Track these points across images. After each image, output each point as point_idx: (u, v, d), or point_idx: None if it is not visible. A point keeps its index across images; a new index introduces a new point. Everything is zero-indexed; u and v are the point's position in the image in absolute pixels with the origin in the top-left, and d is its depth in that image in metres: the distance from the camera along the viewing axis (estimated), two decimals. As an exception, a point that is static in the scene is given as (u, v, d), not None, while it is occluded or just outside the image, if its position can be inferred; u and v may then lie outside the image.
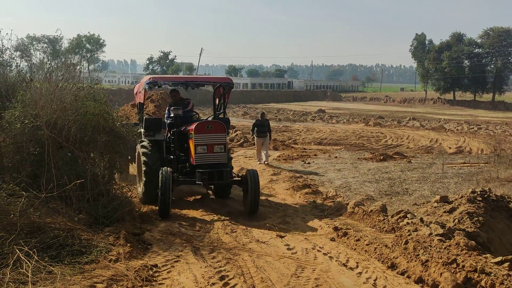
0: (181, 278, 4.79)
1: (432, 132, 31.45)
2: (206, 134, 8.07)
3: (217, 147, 8.12)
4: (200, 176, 7.84)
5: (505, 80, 76.92)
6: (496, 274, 4.63)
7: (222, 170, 7.96)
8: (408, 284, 4.93)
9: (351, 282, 4.90)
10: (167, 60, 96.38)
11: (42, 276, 4.26)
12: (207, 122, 8.55)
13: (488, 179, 12.74)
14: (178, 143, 8.76)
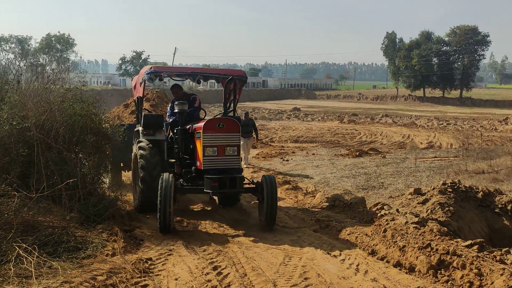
0: (176, 269, 5.04)
1: (404, 128, 32.39)
2: (217, 133, 6.92)
3: (229, 149, 6.95)
4: (209, 183, 6.67)
5: (471, 77, 79.40)
6: (467, 256, 5.05)
7: (235, 177, 6.80)
8: (387, 268, 5.32)
9: (336, 268, 5.24)
10: (140, 59, 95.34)
11: (44, 270, 4.44)
12: (219, 119, 7.25)
13: (457, 172, 13.36)
14: (182, 143, 7.61)
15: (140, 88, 8.34)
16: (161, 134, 8.06)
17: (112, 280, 4.44)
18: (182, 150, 7.61)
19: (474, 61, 77.14)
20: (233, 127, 7.06)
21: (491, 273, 4.64)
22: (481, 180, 11.88)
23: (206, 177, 6.74)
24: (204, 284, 4.59)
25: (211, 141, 6.89)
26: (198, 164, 7.11)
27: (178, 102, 7.75)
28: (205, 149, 6.86)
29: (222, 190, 6.80)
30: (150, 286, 4.50)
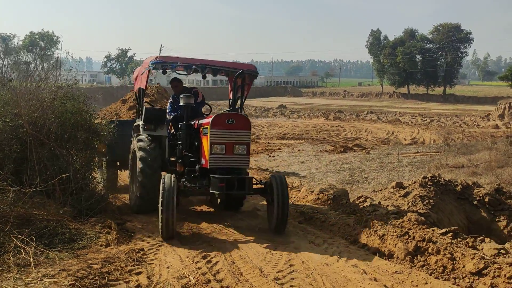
0: (168, 258, 5.29)
1: (388, 124, 32.94)
2: (226, 129, 6.43)
3: (238, 147, 6.47)
4: (215, 184, 6.21)
5: (454, 74, 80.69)
6: (442, 242, 5.38)
7: (244, 178, 6.38)
8: (368, 255, 5.64)
9: (319, 255, 5.54)
10: (126, 57, 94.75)
11: (42, 260, 4.67)
12: (228, 114, 6.66)
13: (438, 166, 13.78)
14: (186, 140, 7.09)
15: (143, 78, 7.82)
16: (163, 129, 7.59)
17: (107, 268, 4.69)
18: (186, 147, 7.09)
19: (457, 59, 78.45)
20: (244, 124, 6.58)
21: (463, 257, 4.99)
22: (461, 174, 12.30)
23: (213, 177, 6.28)
24: (194, 271, 4.85)
25: (219, 138, 6.40)
26: (204, 162, 6.62)
27: (183, 95, 7.17)
28: (212, 146, 6.37)
29: (229, 192, 6.26)
30: (144, 274, 4.75)
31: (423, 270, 5.07)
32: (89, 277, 4.40)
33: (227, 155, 6.46)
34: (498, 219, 9.36)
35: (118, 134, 8.82)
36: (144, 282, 4.53)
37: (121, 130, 9.04)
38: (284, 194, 6.38)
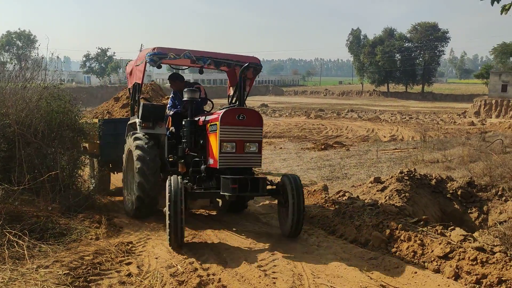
0: (156, 250, 5.54)
1: (368, 122, 33.58)
2: (236, 126, 5.91)
3: (249, 146, 5.97)
4: (227, 185, 5.71)
5: (432, 72, 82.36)
6: (413, 230, 5.77)
7: (258, 178, 5.92)
8: (345, 244, 5.99)
9: (300, 245, 5.88)
10: (105, 57, 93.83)
11: (35, 252, 4.89)
12: (238, 109, 6.05)
13: (415, 162, 14.24)
14: (191, 138, 6.52)
15: (138, 72, 7.29)
16: (162, 128, 7.16)
17: (98, 259, 4.92)
18: (190, 146, 6.53)
19: (434, 57, 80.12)
20: (255, 120, 6.06)
21: (431, 243, 5.37)
22: (435, 169, 12.75)
23: (224, 178, 5.80)
24: (182, 261, 5.11)
25: (229, 135, 5.89)
26: (212, 162, 6.10)
27: (188, 89, 6.59)
28: (222, 144, 5.86)
29: (242, 193, 5.76)
30: (134, 264, 5.00)
31: (395, 256, 5.44)
32: (82, 268, 4.65)
33: (238, 153, 5.93)
34: (470, 210, 9.79)
35: (110, 134, 8.63)
36: (135, 271, 4.78)
37: (114, 130, 8.83)
38: (300, 195, 5.96)
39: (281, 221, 6.43)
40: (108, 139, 8.69)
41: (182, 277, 4.64)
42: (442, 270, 4.95)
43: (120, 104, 14.13)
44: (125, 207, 7.44)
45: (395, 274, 4.88)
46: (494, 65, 66.31)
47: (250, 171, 6.15)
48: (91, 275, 4.52)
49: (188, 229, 6.36)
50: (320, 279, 4.66)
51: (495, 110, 46.93)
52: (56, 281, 4.22)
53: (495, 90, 51.18)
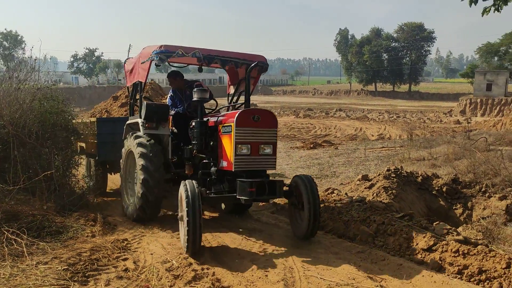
0: (151, 246, 5.70)
1: (357, 121, 33.96)
2: (251, 127, 5.74)
3: (264, 147, 5.82)
4: (244, 188, 5.51)
5: (419, 71, 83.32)
6: (399, 225, 6.00)
7: (275, 180, 5.78)
8: (334, 238, 6.21)
9: (290, 240, 6.08)
10: (93, 57, 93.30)
11: (33, 249, 5.02)
12: (253, 110, 5.92)
13: (402, 160, 14.51)
14: (201, 139, 6.31)
15: (141, 70, 7.02)
16: (165, 128, 6.94)
17: (95, 255, 5.07)
18: (200, 148, 6.33)
19: (421, 57, 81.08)
20: (270, 121, 5.89)
21: (416, 236, 5.61)
22: (422, 166, 13.03)
23: (241, 181, 5.60)
24: (177, 256, 5.27)
25: (244, 137, 5.71)
26: (226, 164, 5.91)
27: (198, 89, 6.35)
28: (237, 146, 5.68)
29: (260, 197, 5.63)
30: (130, 260, 5.15)
31: (382, 249, 5.67)
32: (80, 263, 4.79)
33: (252, 156, 5.77)
34: (455, 207, 10.06)
35: (108, 133, 8.50)
36: (131, 266, 4.94)
37: (112, 129, 8.65)
38: (316, 196, 5.85)
39: (294, 223, 6.25)
40: (106, 139, 8.56)
41: (177, 272, 4.81)
42: (426, 262, 5.19)
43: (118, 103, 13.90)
44: (125, 211, 7.22)
45: (382, 266, 5.10)
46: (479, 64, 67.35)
47: (265, 174, 5.97)
48: (89, 271, 4.67)
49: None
50: (310, 271, 4.85)
51: (480, 109, 47.72)
52: (56, 276, 4.37)
53: (480, 89, 52.03)
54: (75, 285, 4.29)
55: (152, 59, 6.49)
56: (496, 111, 45.56)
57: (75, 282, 4.34)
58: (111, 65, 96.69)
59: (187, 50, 6.42)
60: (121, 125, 8.09)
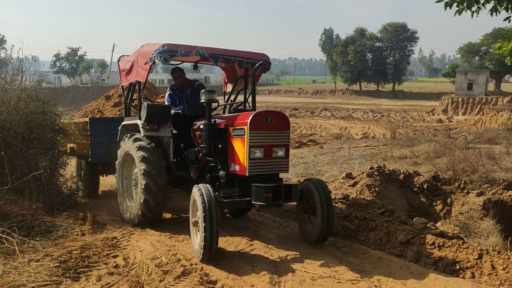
0: (140, 244, 5.85)
1: (341, 121, 34.38)
2: (264, 130, 5.55)
3: (277, 150, 5.64)
4: (261, 193, 5.31)
5: (403, 71, 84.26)
6: (379, 220, 6.26)
7: (291, 185, 5.56)
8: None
9: (276, 234, 6.31)
10: (76, 56, 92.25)
11: (24, 248, 5.13)
12: (266, 112, 5.72)
13: (385, 158, 14.83)
14: (210, 142, 6.06)
15: (141, 70, 6.73)
16: (166, 129, 6.71)
17: (86, 253, 5.20)
18: (209, 151, 6.09)
19: (404, 56, 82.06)
20: (283, 123, 5.72)
21: (395, 231, 5.87)
22: (404, 164, 13.34)
23: (256, 186, 5.39)
24: (166, 253, 5.43)
25: (258, 140, 5.53)
26: (238, 168, 5.71)
27: (205, 90, 6.15)
28: (251, 150, 5.48)
29: (277, 202, 5.45)
30: (120, 257, 5.29)
31: (363, 243, 5.91)
32: (71, 261, 4.92)
33: (265, 159, 5.58)
34: (435, 203, 10.39)
35: (102, 134, 8.36)
36: (121, 263, 5.08)
37: (106, 129, 8.47)
38: (329, 202, 5.70)
39: (304, 227, 6.09)
40: (100, 139, 8.37)
41: (166, 267, 4.97)
42: (404, 254, 5.44)
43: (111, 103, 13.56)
44: (123, 215, 7.05)
45: (363, 260, 5.33)
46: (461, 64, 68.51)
47: (277, 177, 5.81)
48: (80, 267, 4.81)
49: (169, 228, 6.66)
50: (294, 264, 5.06)
51: (461, 108, 48.66)
52: (48, 273, 4.50)
53: (462, 88, 53.03)
54: (67, 281, 4.43)
55: (156, 59, 6.23)
56: (477, 110, 46.50)
57: (67, 278, 4.48)
58: (94, 65, 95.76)
59: (190, 49, 6.24)
60: (115, 126, 7.89)
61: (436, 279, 4.60)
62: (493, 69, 59.86)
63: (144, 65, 6.56)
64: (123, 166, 7.22)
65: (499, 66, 58.50)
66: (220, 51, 6.58)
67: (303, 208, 6.06)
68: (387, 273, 4.88)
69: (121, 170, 7.24)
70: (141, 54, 6.71)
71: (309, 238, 5.95)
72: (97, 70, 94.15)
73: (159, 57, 6.14)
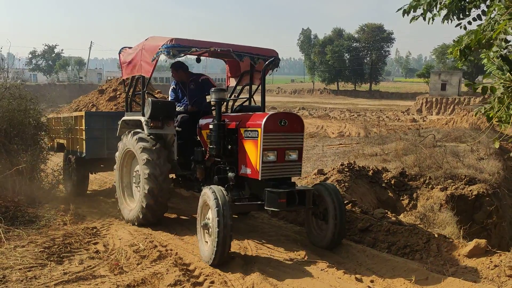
0: (119, 233, 6.23)
1: (318, 120, 35.00)
2: (278, 133, 5.34)
3: (290, 153, 5.46)
4: (274, 199, 5.08)
5: (379, 71, 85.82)
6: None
7: (305, 191, 5.30)
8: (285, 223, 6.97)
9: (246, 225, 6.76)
10: (53, 54, 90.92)
11: (10, 235, 5.47)
12: (280, 114, 5.53)
13: (356, 155, 15.40)
14: (219, 143, 5.77)
15: (147, 65, 6.44)
16: (171, 127, 6.52)
17: (68, 240, 5.58)
18: (219, 152, 5.79)
19: (381, 57, 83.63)
20: (297, 125, 5.52)
21: (356, 220, 6.42)
22: (374, 161, 13.92)
23: (270, 191, 5.14)
24: (143, 240, 5.82)
25: (271, 143, 5.30)
26: (250, 172, 5.47)
27: (215, 89, 5.86)
28: (264, 153, 5.25)
29: (290, 208, 5.24)
30: (100, 244, 5.68)
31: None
32: (54, 247, 5.30)
33: (278, 162, 5.38)
34: (402, 198, 10.99)
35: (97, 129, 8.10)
36: (102, 249, 5.47)
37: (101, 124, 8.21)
38: (342, 206, 5.54)
39: (313, 232, 5.90)
40: (95, 134, 8.07)
41: (144, 253, 5.37)
42: (363, 240, 5.98)
43: (106, 97, 13.18)
44: (122, 213, 6.92)
45: (325, 245, 5.83)
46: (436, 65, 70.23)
47: (290, 181, 5.62)
48: (63, 252, 5.19)
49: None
50: (262, 250, 5.52)
51: (435, 108, 50.04)
52: (34, 257, 4.87)
53: (435, 88, 54.52)
54: (51, 263, 4.80)
55: (163, 53, 5.97)
56: (450, 110, 47.88)
57: (51, 262, 4.84)
58: (71, 63, 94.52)
59: (199, 45, 6.08)
60: (112, 121, 7.77)
61: (388, 260, 5.13)
62: (466, 70, 61.62)
63: (151, 61, 6.28)
64: (123, 163, 7.05)
65: (472, 67, 60.26)
66: (230, 46, 6.32)
67: (313, 214, 5.85)
68: (345, 256, 5.38)
69: (121, 167, 7.08)
70: (146, 47, 6.45)
71: (319, 244, 5.73)
72: (74, 68, 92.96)
73: (166, 51, 5.91)
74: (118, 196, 7.12)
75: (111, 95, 13.34)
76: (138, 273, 4.64)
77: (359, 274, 4.70)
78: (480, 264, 4.81)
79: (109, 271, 4.66)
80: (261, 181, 5.34)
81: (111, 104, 12.83)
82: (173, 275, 4.54)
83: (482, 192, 10.39)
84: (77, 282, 4.27)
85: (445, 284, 4.35)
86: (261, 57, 6.50)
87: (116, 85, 13.66)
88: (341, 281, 4.47)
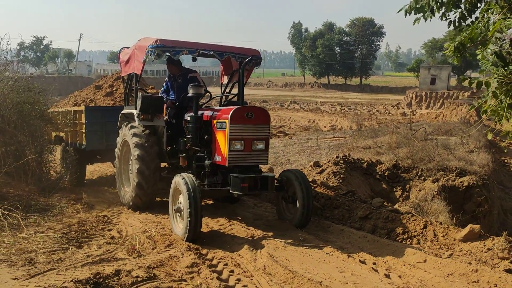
0: (129, 220, 6.50)
1: (310, 113, 35.32)
2: (245, 124, 5.95)
3: (257, 143, 6.04)
4: (237, 183, 5.74)
5: (370, 65, 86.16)
6: (342, 200, 7.11)
7: (267, 176, 5.98)
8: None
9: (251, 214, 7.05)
10: (41, 45, 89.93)
11: (28, 222, 5.70)
12: (247, 107, 6.22)
13: (350, 148, 15.72)
14: (196, 133, 6.45)
15: (137, 63, 7.14)
16: (160, 119, 7.15)
17: (83, 227, 5.85)
18: (196, 142, 6.48)
19: (371, 51, 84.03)
20: (263, 117, 6.12)
21: (356, 209, 6.74)
22: (367, 154, 14.24)
23: (234, 176, 5.81)
24: (154, 227, 6.09)
25: (238, 133, 5.92)
26: (220, 159, 6.10)
27: (193, 85, 6.50)
28: (231, 142, 5.88)
29: (253, 192, 6.02)
30: (114, 230, 5.95)
31: (328, 219, 6.75)
32: (72, 233, 5.57)
33: (245, 151, 5.98)
34: (395, 189, 11.35)
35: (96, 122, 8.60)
36: (116, 235, 5.74)
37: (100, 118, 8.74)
38: (309, 190, 6.17)
39: (283, 214, 6.57)
40: (95, 128, 8.62)
41: (156, 238, 5.63)
42: (363, 227, 6.31)
43: (103, 92, 13.67)
44: (122, 200, 7.51)
45: (327, 232, 6.16)
46: (425, 59, 70.86)
47: (257, 168, 6.19)
48: (81, 238, 5.46)
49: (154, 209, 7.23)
50: (268, 236, 5.82)
51: (425, 102, 50.66)
52: (55, 242, 5.13)
53: (425, 83, 55.15)
54: (72, 248, 5.05)
55: (149, 54, 6.56)
56: (439, 104, 48.53)
57: (71, 246, 5.10)
58: (60, 54, 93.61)
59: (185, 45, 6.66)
60: (110, 115, 8.37)
61: (388, 244, 5.47)
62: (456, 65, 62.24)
63: (142, 61, 6.91)
64: (121, 153, 7.57)
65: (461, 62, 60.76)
66: (212, 47, 6.99)
67: (282, 197, 6.51)
68: (348, 242, 5.71)
69: (119, 157, 7.61)
70: (138, 47, 7.08)
71: (290, 221, 6.36)
72: (64, 60, 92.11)
73: (152, 52, 6.51)
74: (117, 184, 7.70)
75: (107, 90, 13.72)
76: (155, 257, 4.92)
77: (362, 257, 5.02)
78: (474, 247, 5.17)
79: (128, 255, 4.93)
80: (230, 168, 5.97)
81: (108, 99, 13.27)
82: (188, 258, 4.82)
83: (472, 183, 10.78)
84: (101, 263, 4.53)
85: (442, 265, 4.69)
86: (242, 56, 7.08)
87: (111, 81, 13.97)
88: (346, 263, 4.79)
